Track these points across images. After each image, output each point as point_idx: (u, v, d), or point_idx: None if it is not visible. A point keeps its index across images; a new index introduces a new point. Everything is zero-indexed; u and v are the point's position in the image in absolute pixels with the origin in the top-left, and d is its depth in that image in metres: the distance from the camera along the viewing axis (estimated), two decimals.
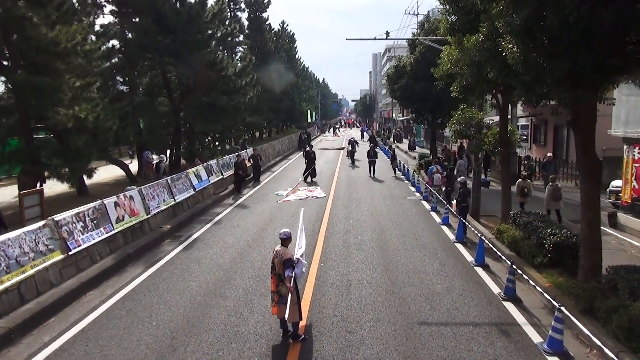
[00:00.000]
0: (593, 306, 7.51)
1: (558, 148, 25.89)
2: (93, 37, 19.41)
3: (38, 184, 14.35)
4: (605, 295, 7.61)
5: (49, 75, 13.55)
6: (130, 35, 23.00)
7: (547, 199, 14.44)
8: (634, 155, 13.86)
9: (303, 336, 7.27)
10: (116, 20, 22.60)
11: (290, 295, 6.92)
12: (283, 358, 6.77)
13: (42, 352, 7.07)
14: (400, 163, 28.13)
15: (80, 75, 15.23)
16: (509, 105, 14.39)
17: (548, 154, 19.82)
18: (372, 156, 26.57)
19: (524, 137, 28.95)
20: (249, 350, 6.97)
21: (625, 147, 14.46)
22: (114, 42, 22.64)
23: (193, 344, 7.18)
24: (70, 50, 13.69)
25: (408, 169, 25.95)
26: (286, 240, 7.32)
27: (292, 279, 6.99)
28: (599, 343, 6.35)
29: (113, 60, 22.41)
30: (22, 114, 13.96)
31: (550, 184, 14.65)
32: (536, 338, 7.28)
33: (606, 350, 6.17)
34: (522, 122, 29.97)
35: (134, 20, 22.99)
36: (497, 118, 16.89)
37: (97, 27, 21.22)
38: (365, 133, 68.81)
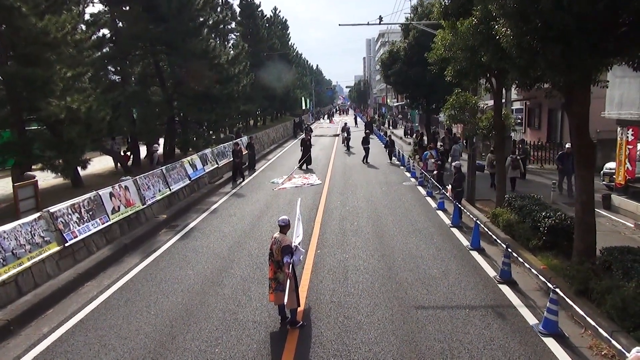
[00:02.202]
0: (587, 287, 7.59)
1: (552, 131, 25.95)
2: (83, 27, 19.23)
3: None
4: (599, 277, 7.69)
5: (40, 66, 13.42)
6: (120, 24, 22.73)
7: (506, 168, 15.91)
8: (627, 137, 13.91)
9: (301, 322, 7.33)
10: (106, 9, 22.30)
11: (288, 281, 6.96)
12: (282, 344, 6.83)
13: (42, 343, 7.09)
14: (395, 149, 28.16)
15: (72, 65, 15.07)
16: (503, 89, 14.37)
17: (567, 145, 17.05)
18: (366, 143, 26.92)
19: (519, 121, 28.97)
20: (248, 338, 7.02)
21: (618, 129, 14.51)
22: (105, 32, 22.40)
23: (192, 332, 7.23)
24: (60, 40, 13.54)
25: (403, 155, 25.98)
26: (285, 227, 7.34)
27: (290, 265, 7.02)
28: (593, 323, 6.43)
29: (104, 50, 22.18)
30: (13, 105, 13.84)
31: (511, 155, 16.87)
32: (531, 320, 7.37)
33: (600, 330, 6.25)
34: (517, 105, 29.96)
35: (124, 8, 22.68)
36: (491, 102, 16.88)
37: (86, 16, 21.01)
38: (359, 119, 68.67)
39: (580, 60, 7.05)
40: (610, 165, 16.02)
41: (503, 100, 15.50)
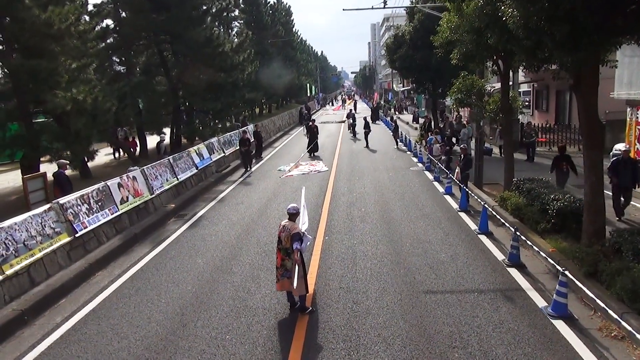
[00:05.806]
0: (597, 269, 7.57)
1: (560, 113, 25.71)
2: (86, 18, 19.15)
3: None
4: (608, 258, 7.65)
5: (45, 57, 13.41)
6: (124, 14, 22.65)
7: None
8: (637, 117, 13.75)
9: (310, 308, 7.38)
10: None
11: (297, 268, 6.99)
12: (291, 330, 6.88)
13: (56, 332, 7.21)
14: (402, 134, 28.05)
15: (76, 56, 15.06)
16: (510, 71, 14.21)
17: (619, 147, 12.83)
18: (366, 127, 27.52)
19: (526, 104, 28.70)
20: (258, 324, 7.08)
21: (628, 109, 14.34)
22: (108, 22, 22.35)
23: (202, 320, 7.30)
24: (64, 31, 13.51)
25: (410, 140, 25.86)
26: (294, 215, 7.37)
27: (299, 252, 7.06)
28: (603, 305, 6.41)
29: (108, 41, 22.16)
30: (20, 98, 13.88)
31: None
32: (541, 302, 7.37)
33: (610, 311, 6.23)
34: (524, 88, 29.68)
35: None
36: (498, 85, 16.71)
37: (90, 7, 20.92)
38: (359, 104, 68.10)
39: (589, 39, 6.94)
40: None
41: (510, 83, 15.32)
